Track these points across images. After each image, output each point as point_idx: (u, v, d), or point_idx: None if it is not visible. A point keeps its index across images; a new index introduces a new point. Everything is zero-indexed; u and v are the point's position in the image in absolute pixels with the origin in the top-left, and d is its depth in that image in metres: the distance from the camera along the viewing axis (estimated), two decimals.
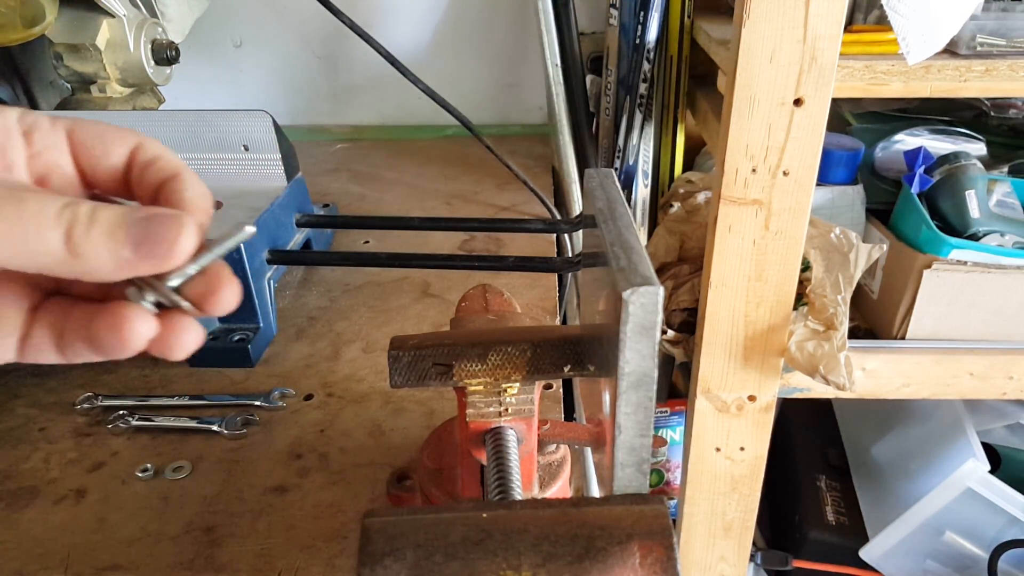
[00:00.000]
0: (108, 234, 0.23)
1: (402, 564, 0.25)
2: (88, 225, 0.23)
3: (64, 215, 0.23)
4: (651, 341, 0.24)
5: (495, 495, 0.33)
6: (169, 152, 0.27)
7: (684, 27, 0.96)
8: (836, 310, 0.72)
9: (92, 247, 0.23)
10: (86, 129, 0.26)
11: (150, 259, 0.24)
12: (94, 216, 0.23)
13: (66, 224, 0.23)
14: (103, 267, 0.23)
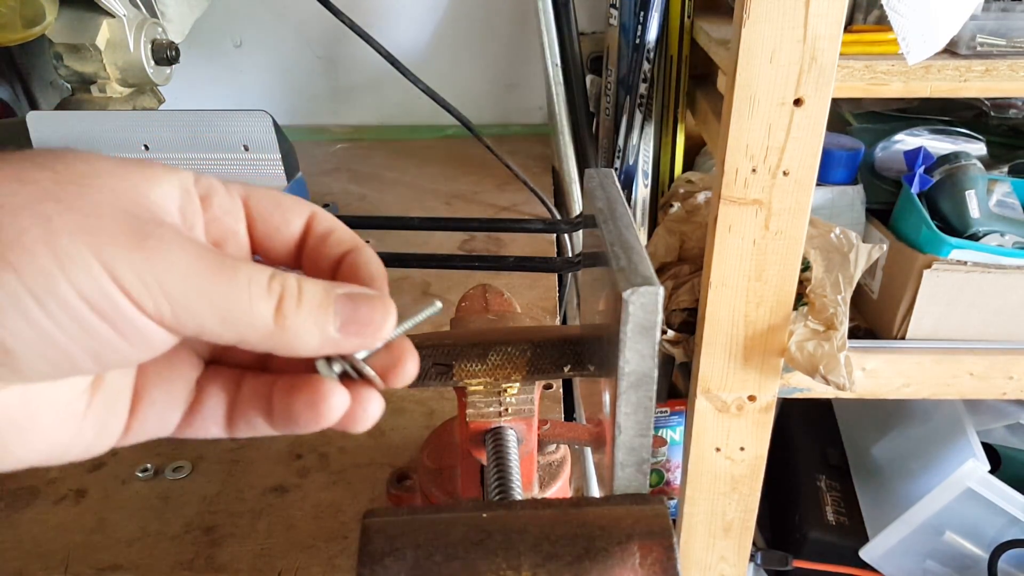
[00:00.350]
0: (317, 310, 0.22)
1: (402, 564, 0.25)
2: (298, 299, 0.22)
3: (275, 287, 0.22)
4: (651, 341, 0.24)
5: (495, 495, 0.33)
6: (341, 224, 0.27)
7: (684, 27, 0.96)
8: (836, 310, 0.72)
9: (301, 323, 0.22)
10: (262, 197, 0.25)
11: (355, 339, 0.23)
12: (303, 290, 0.22)
13: (277, 297, 0.22)
14: (308, 344, 0.23)
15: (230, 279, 0.21)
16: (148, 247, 0.20)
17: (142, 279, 0.19)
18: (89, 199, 0.20)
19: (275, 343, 0.22)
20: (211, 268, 0.21)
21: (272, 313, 0.22)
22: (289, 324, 0.22)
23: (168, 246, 0.20)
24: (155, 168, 0.22)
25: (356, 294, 0.24)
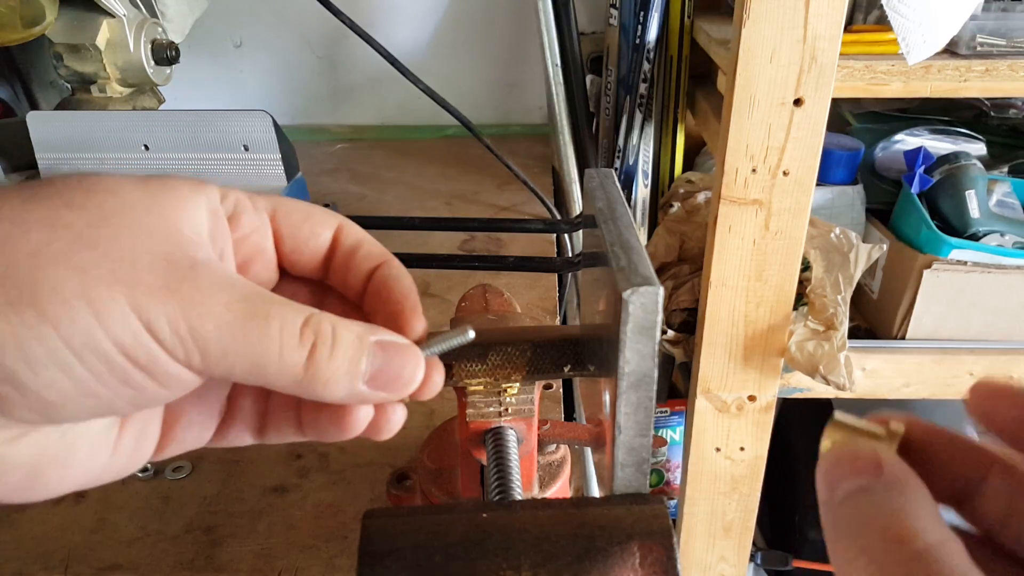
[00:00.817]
0: (349, 362, 0.22)
1: (402, 564, 0.25)
2: (332, 348, 0.22)
3: (308, 335, 0.21)
4: (651, 341, 0.24)
5: (495, 495, 0.33)
6: (368, 236, 0.26)
7: (684, 27, 0.96)
8: (836, 310, 0.72)
9: (331, 374, 0.22)
10: (290, 212, 0.25)
11: (383, 392, 0.23)
12: (336, 337, 0.22)
13: (309, 345, 0.21)
14: (335, 395, 0.22)
15: (262, 328, 0.21)
16: (182, 294, 0.20)
17: (175, 329, 0.19)
18: (123, 243, 0.19)
19: (302, 390, 0.22)
20: (244, 315, 0.20)
21: (303, 363, 0.21)
22: (319, 375, 0.22)
23: (201, 293, 0.20)
24: (182, 191, 0.22)
25: (389, 343, 0.23)
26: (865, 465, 0.18)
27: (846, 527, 0.17)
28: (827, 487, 0.19)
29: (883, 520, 0.16)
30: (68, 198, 0.20)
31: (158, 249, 0.20)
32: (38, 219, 0.19)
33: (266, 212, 0.25)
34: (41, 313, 0.18)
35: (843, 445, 0.19)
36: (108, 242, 0.19)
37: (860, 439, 0.20)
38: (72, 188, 0.20)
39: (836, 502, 0.18)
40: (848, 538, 0.17)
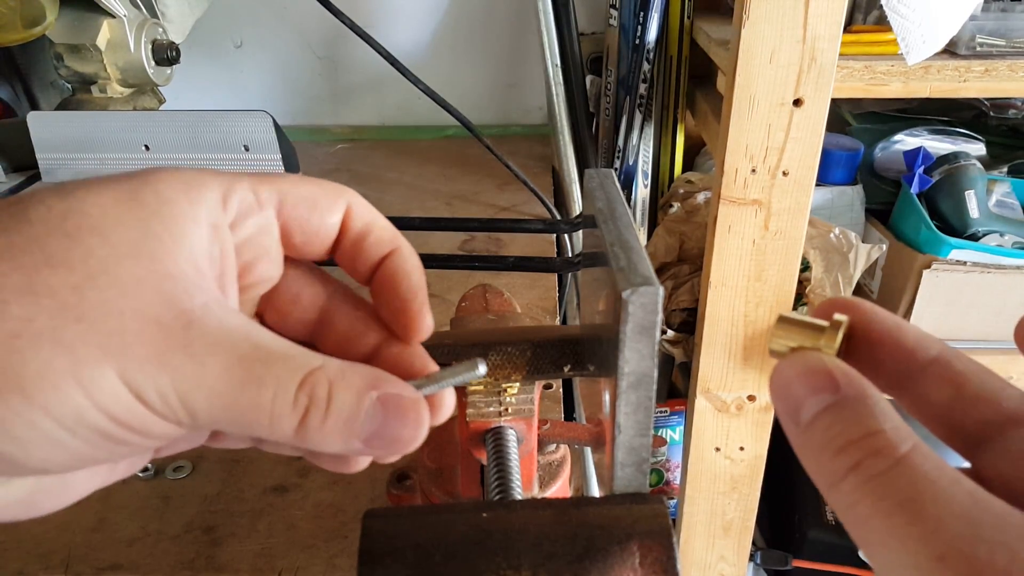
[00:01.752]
0: (344, 425, 0.21)
1: (402, 564, 0.25)
2: (325, 413, 0.21)
3: (301, 400, 0.20)
4: (651, 341, 0.24)
5: (495, 495, 0.33)
6: (379, 216, 0.25)
7: (684, 27, 0.96)
8: None
9: (324, 437, 0.21)
10: (297, 203, 0.23)
11: (379, 452, 0.22)
12: (332, 400, 0.21)
13: (302, 412, 0.21)
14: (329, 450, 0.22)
15: (255, 396, 0.20)
16: (173, 366, 0.19)
17: (165, 400, 0.19)
18: (110, 308, 0.18)
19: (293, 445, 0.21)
20: (237, 383, 0.20)
21: (294, 428, 0.21)
22: (309, 439, 0.21)
23: (193, 363, 0.19)
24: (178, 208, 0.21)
25: (391, 400, 0.22)
26: (821, 380, 0.18)
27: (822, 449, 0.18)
28: (789, 409, 0.19)
29: (859, 437, 0.17)
30: (49, 250, 0.18)
31: (149, 311, 0.19)
32: (17, 286, 0.18)
33: (272, 207, 0.23)
34: (29, 399, 0.18)
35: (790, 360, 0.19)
36: (95, 310, 0.18)
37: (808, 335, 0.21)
38: (52, 231, 0.18)
39: (804, 424, 0.18)
40: (831, 460, 0.17)
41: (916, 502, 0.16)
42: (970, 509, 0.15)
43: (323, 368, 0.21)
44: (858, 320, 0.21)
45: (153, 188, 0.20)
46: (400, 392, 0.22)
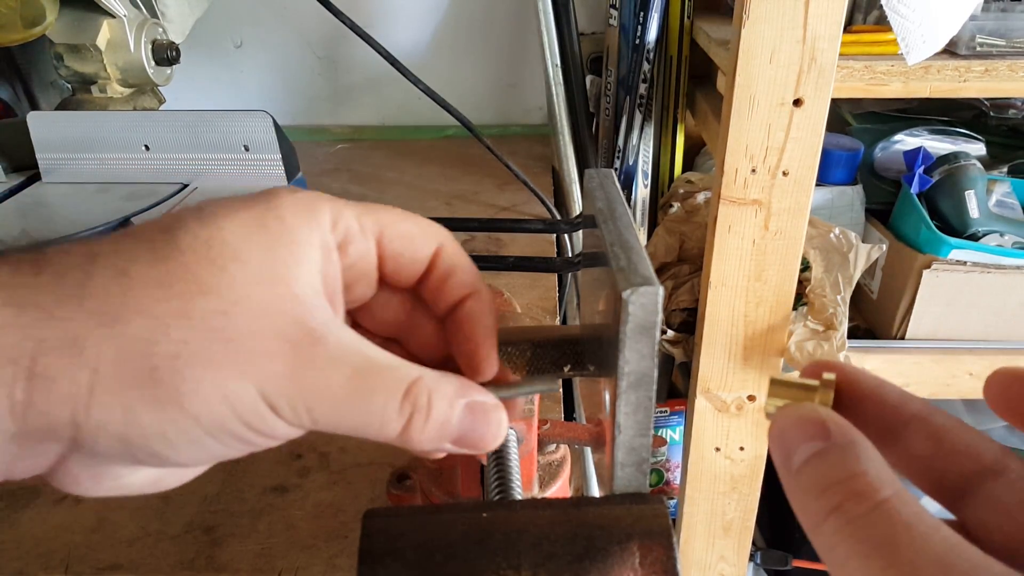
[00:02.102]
0: (439, 428, 0.24)
1: (402, 563, 0.25)
2: (425, 420, 0.24)
3: (406, 408, 0.23)
4: (651, 341, 0.24)
5: (495, 495, 0.33)
6: (465, 258, 0.28)
7: (684, 27, 0.96)
8: (835, 310, 0.72)
9: (423, 439, 0.24)
10: (395, 236, 0.26)
11: (466, 449, 0.25)
12: (431, 407, 0.24)
13: (406, 418, 0.23)
14: (422, 450, 0.25)
15: (368, 403, 0.23)
16: (304, 381, 0.22)
17: (294, 408, 0.22)
18: (252, 330, 0.21)
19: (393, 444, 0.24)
20: (354, 392, 0.23)
21: (399, 431, 0.24)
22: (411, 440, 0.24)
23: (319, 375, 0.22)
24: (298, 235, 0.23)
25: (477, 406, 0.25)
26: (814, 429, 0.20)
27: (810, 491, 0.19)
28: (782, 455, 0.20)
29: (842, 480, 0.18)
30: (200, 278, 0.21)
31: (281, 332, 0.22)
32: (176, 312, 0.21)
33: (373, 236, 0.26)
34: (184, 410, 0.21)
35: (786, 410, 0.21)
36: (239, 333, 0.21)
37: (799, 395, 0.22)
38: (201, 259, 0.21)
39: (795, 469, 0.19)
40: (815, 501, 0.18)
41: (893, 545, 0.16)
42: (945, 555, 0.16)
43: (423, 379, 0.24)
44: (843, 380, 0.22)
45: (276, 214, 0.23)
46: (484, 399, 0.25)
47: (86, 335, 0.20)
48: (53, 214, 0.60)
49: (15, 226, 0.57)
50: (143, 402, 0.20)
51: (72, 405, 0.20)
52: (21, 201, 0.63)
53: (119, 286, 0.21)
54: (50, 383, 0.20)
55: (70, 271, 0.21)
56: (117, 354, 0.20)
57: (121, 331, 0.20)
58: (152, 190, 0.62)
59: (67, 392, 0.20)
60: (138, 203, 0.60)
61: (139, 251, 0.21)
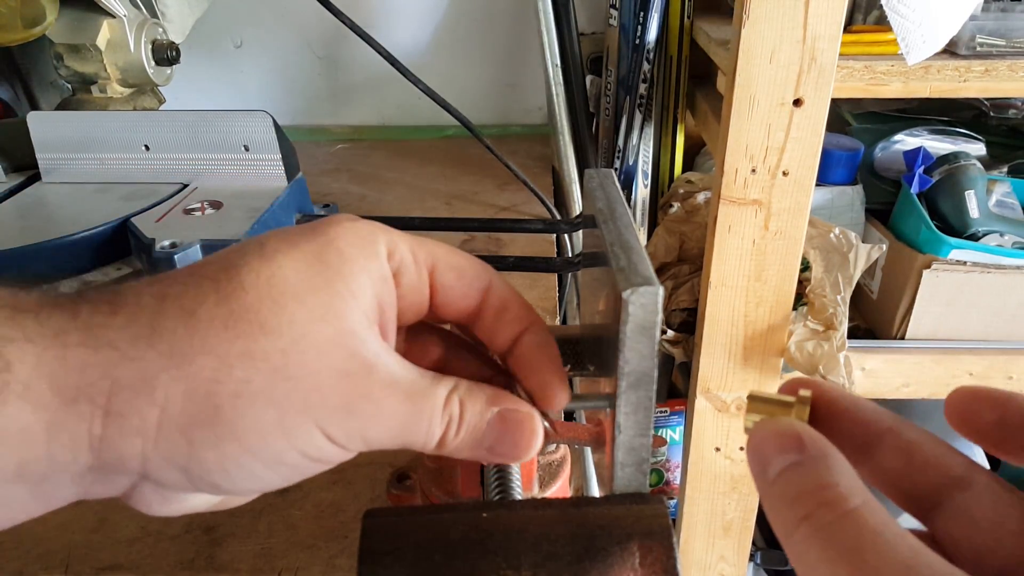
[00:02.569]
0: (472, 436, 0.26)
1: (402, 563, 0.25)
2: (457, 428, 0.25)
3: (445, 417, 0.25)
4: (651, 341, 0.24)
5: (495, 495, 0.33)
6: (515, 293, 0.29)
7: (684, 27, 0.96)
8: (835, 310, 0.72)
9: (458, 447, 0.25)
10: (445, 270, 0.27)
11: (503, 458, 0.27)
12: (464, 415, 0.25)
13: (444, 426, 0.25)
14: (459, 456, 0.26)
15: (416, 423, 0.24)
16: (359, 412, 0.23)
17: (348, 434, 0.23)
18: (310, 368, 0.22)
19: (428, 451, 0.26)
20: (404, 415, 0.24)
21: (438, 439, 0.25)
22: (448, 448, 0.25)
23: (374, 406, 0.23)
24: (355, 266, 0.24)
25: (509, 415, 0.26)
26: (789, 442, 0.20)
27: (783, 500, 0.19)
28: (759, 466, 0.21)
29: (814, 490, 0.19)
30: (262, 318, 0.22)
31: (338, 366, 0.23)
32: (239, 352, 0.22)
33: (426, 269, 0.27)
34: (243, 446, 0.22)
35: (764, 424, 0.21)
36: (298, 370, 0.22)
37: (776, 410, 0.23)
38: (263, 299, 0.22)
39: (770, 480, 0.20)
40: (788, 510, 0.19)
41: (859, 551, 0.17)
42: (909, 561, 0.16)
43: (456, 388, 0.25)
44: (819, 397, 0.23)
45: (336, 247, 0.24)
46: (517, 408, 0.26)
47: (156, 375, 0.21)
48: (53, 214, 0.60)
49: (15, 226, 0.57)
50: (206, 439, 0.22)
51: (142, 440, 0.22)
52: (21, 201, 0.63)
53: (186, 327, 0.22)
54: (122, 420, 0.21)
55: (142, 312, 0.22)
56: (184, 393, 0.21)
57: (188, 372, 0.22)
58: (152, 190, 0.62)
59: (137, 427, 0.21)
60: (138, 203, 0.60)
61: (205, 290, 0.23)
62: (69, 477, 0.22)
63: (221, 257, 0.24)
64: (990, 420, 0.21)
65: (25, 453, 0.21)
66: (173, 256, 0.50)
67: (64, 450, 0.21)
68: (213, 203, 0.60)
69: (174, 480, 0.23)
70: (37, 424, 0.21)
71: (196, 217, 0.58)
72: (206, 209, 0.59)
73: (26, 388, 0.20)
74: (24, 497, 0.22)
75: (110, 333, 0.22)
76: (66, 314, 0.22)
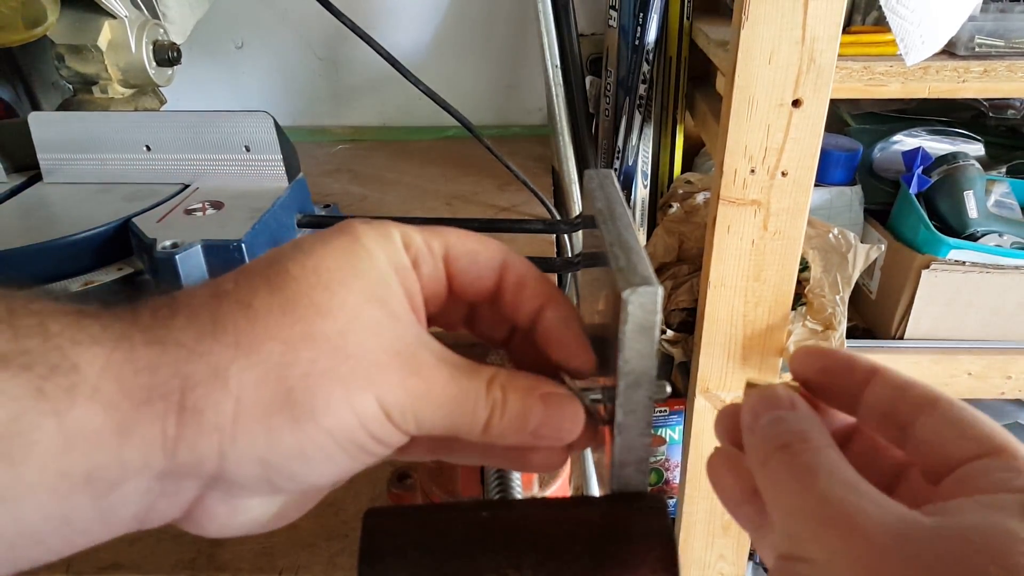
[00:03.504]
0: (517, 420, 0.26)
1: (403, 563, 0.25)
2: (502, 413, 0.26)
3: (490, 401, 0.26)
4: (651, 341, 0.24)
5: (495, 494, 0.34)
6: (533, 269, 0.29)
7: (683, 28, 0.96)
8: (834, 310, 0.73)
9: (503, 431, 0.26)
10: (459, 256, 0.28)
11: (546, 441, 0.27)
12: (506, 401, 0.26)
13: (489, 409, 0.25)
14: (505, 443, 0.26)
15: (461, 404, 0.25)
16: (412, 389, 0.24)
17: (404, 414, 0.24)
18: (367, 347, 0.23)
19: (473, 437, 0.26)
20: (451, 394, 0.25)
21: (484, 422, 0.26)
22: (493, 433, 0.26)
23: (424, 383, 0.24)
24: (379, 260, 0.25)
25: (551, 397, 0.27)
26: (785, 402, 0.25)
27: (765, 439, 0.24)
28: (751, 417, 0.25)
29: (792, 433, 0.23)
30: (317, 302, 0.23)
31: (390, 346, 0.24)
32: (301, 335, 0.22)
33: (440, 256, 0.27)
34: (319, 426, 0.22)
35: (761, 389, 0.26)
36: (357, 349, 0.23)
37: None
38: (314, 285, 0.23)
39: (759, 427, 0.25)
40: (766, 444, 0.24)
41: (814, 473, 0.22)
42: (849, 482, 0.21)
43: (497, 375, 0.26)
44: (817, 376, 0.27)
45: (361, 243, 0.25)
46: (557, 391, 0.27)
47: (227, 366, 0.22)
48: (54, 214, 0.60)
49: (17, 226, 0.57)
50: (283, 423, 0.22)
51: (219, 435, 0.22)
52: (22, 201, 0.63)
53: (247, 319, 0.22)
54: (199, 415, 0.21)
55: (201, 310, 0.23)
56: (256, 381, 0.22)
57: (257, 359, 0.22)
58: (153, 190, 0.63)
59: (214, 423, 0.21)
60: (139, 203, 0.60)
61: (256, 284, 0.23)
62: (137, 487, 0.21)
63: (262, 258, 0.25)
64: (816, 367, 0.27)
65: (96, 457, 0.20)
66: (174, 256, 0.50)
67: (136, 453, 0.21)
68: (214, 203, 0.60)
69: (251, 476, 0.23)
70: (107, 426, 0.20)
71: (197, 217, 0.58)
72: (207, 209, 0.59)
73: (95, 390, 0.20)
74: (87, 512, 0.21)
75: (174, 333, 0.22)
76: (127, 318, 0.22)
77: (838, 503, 0.20)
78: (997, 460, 0.21)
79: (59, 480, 0.20)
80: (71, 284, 0.52)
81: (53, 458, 0.19)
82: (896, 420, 0.24)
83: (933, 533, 0.18)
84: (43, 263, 0.53)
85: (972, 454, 0.21)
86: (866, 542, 0.19)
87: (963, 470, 0.21)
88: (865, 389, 0.25)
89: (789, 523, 0.21)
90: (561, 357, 0.29)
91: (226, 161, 0.65)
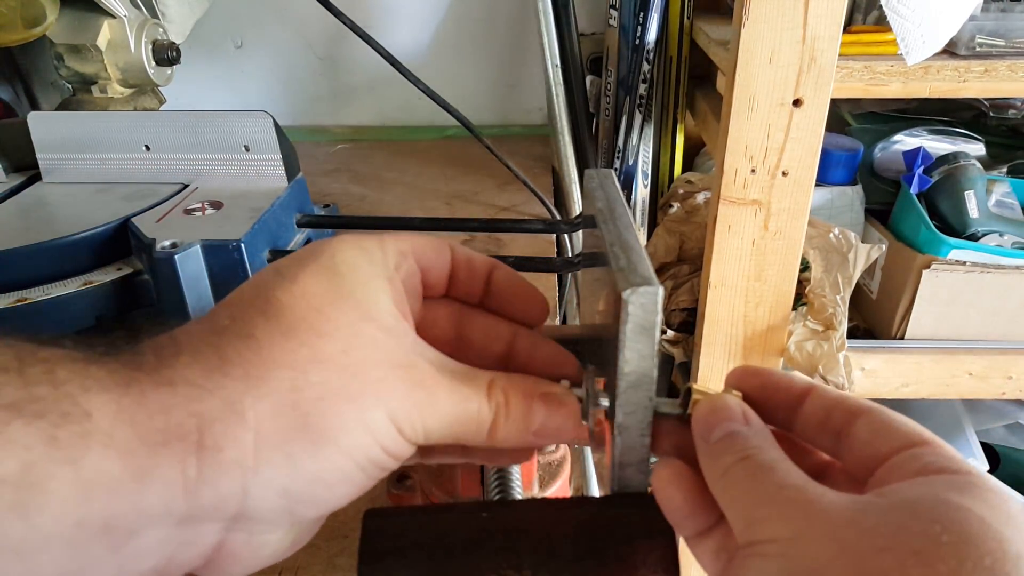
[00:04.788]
0: (520, 422, 0.26)
1: (402, 563, 0.25)
2: (506, 415, 0.26)
3: (493, 404, 0.26)
4: (651, 341, 0.24)
5: (495, 494, 0.34)
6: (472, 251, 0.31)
7: (684, 28, 0.96)
8: (835, 310, 0.73)
9: (508, 434, 0.26)
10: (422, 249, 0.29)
11: (548, 440, 0.28)
12: (509, 404, 0.26)
13: (494, 412, 0.26)
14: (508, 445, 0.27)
15: (464, 411, 0.25)
16: (418, 401, 0.24)
17: (413, 427, 0.24)
18: (370, 363, 0.24)
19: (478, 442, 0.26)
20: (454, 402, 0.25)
21: (487, 430, 0.26)
22: (498, 436, 0.26)
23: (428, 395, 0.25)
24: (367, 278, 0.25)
25: (552, 396, 0.27)
26: (738, 415, 0.25)
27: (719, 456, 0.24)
28: (704, 430, 0.25)
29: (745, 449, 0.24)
30: (315, 325, 0.23)
31: (391, 360, 0.24)
32: (307, 359, 0.23)
33: (412, 257, 0.28)
34: (338, 447, 0.22)
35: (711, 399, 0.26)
36: (362, 366, 0.23)
37: None
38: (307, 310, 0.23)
39: (712, 441, 0.25)
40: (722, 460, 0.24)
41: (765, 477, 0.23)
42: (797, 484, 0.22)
43: (496, 379, 0.27)
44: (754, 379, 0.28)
45: (341, 259, 0.25)
46: (556, 390, 0.28)
47: (240, 399, 0.21)
48: (54, 214, 0.60)
49: (16, 226, 0.57)
50: (303, 449, 0.22)
51: (241, 470, 0.21)
52: (22, 201, 0.63)
53: (251, 350, 0.22)
54: (219, 453, 0.21)
55: (204, 347, 0.22)
56: (272, 410, 0.22)
57: (268, 388, 0.22)
58: (153, 190, 0.62)
59: (234, 458, 0.21)
60: (139, 203, 0.60)
61: (251, 315, 0.23)
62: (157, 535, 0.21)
63: (243, 289, 0.25)
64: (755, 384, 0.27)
65: (114, 505, 0.19)
66: (173, 256, 0.50)
67: (156, 498, 0.20)
68: (214, 203, 0.60)
69: (274, 509, 0.22)
70: (125, 472, 0.20)
71: (196, 217, 0.58)
72: (207, 209, 0.59)
73: (109, 436, 0.20)
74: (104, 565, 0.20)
75: (181, 371, 0.22)
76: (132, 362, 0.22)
77: (795, 489, 0.22)
78: (924, 449, 0.22)
79: (76, 530, 0.19)
80: (70, 284, 0.52)
81: (70, 508, 0.19)
82: (831, 428, 0.25)
83: (885, 506, 0.20)
84: (42, 263, 0.53)
85: (902, 446, 0.23)
86: (826, 516, 0.20)
87: (895, 460, 0.22)
88: (803, 404, 0.26)
89: (750, 512, 0.22)
90: (518, 308, 0.30)
91: (225, 161, 0.65)
